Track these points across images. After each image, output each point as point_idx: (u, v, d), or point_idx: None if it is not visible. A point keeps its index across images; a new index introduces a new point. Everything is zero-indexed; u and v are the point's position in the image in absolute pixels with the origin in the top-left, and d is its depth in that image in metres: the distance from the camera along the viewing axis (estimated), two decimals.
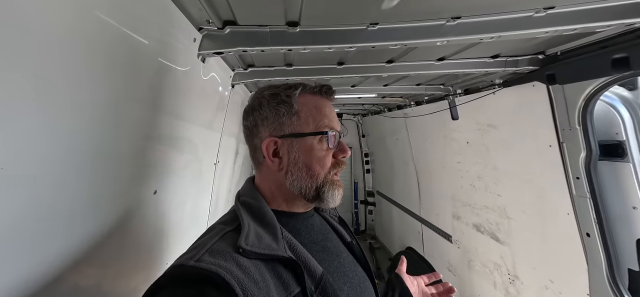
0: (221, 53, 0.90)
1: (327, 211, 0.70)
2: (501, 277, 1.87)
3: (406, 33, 0.88)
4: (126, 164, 0.66)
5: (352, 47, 0.93)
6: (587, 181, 1.23)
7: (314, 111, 0.58)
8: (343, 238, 0.67)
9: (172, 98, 0.83)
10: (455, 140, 2.26)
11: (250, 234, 0.48)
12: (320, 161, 0.57)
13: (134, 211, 0.72)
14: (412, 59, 1.36)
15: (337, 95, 2.41)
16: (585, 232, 1.27)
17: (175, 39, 0.75)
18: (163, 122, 0.79)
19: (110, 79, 0.55)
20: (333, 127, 0.59)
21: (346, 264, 0.59)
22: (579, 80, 1.12)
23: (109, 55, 0.54)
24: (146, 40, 0.63)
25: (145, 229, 0.79)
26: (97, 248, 0.59)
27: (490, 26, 0.84)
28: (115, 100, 0.58)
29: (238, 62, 1.31)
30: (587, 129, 1.20)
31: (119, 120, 0.60)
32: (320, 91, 0.60)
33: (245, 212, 0.53)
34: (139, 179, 0.72)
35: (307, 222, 0.60)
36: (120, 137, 0.61)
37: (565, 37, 1.10)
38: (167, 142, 0.84)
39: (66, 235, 0.51)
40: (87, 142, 0.52)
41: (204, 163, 1.31)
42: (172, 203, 0.93)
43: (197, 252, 0.44)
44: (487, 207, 2.00)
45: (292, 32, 0.87)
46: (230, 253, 0.44)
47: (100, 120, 0.54)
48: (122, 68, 0.58)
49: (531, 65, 1.32)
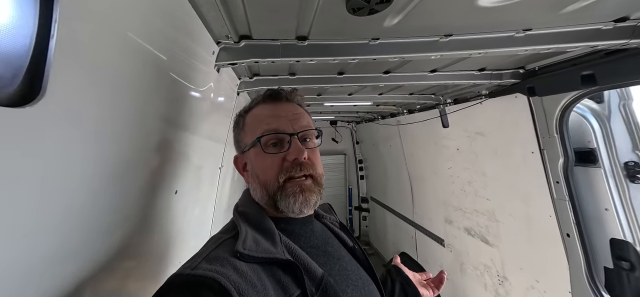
0: (234, 64, 0.97)
1: (328, 218, 0.69)
2: (491, 279, 1.96)
3: (404, 47, 0.98)
4: (147, 170, 0.67)
5: (355, 59, 1.02)
6: (566, 185, 1.35)
7: (253, 121, 0.60)
8: (345, 243, 0.65)
9: (190, 105, 0.88)
10: (446, 147, 2.37)
11: (247, 239, 0.48)
12: (265, 169, 0.56)
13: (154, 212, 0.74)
14: (407, 70, 1.47)
15: (335, 103, 2.51)
16: (566, 233, 1.38)
17: (197, 52, 0.81)
18: (181, 128, 0.84)
19: (133, 91, 0.56)
20: (273, 130, 0.56)
21: (349, 268, 0.57)
22: (555, 93, 1.25)
23: (135, 71, 0.54)
24: (164, 55, 0.63)
25: (168, 226, 0.82)
26: (125, 251, 0.61)
27: (477, 43, 0.95)
28: (140, 112, 0.58)
29: (245, 71, 1.37)
30: (564, 136, 1.33)
31: (144, 130, 0.61)
32: (264, 99, 0.62)
33: (242, 220, 0.54)
34: (158, 183, 0.75)
35: (307, 227, 0.59)
36: (144, 143, 0.63)
37: (542, 55, 1.23)
38: (183, 147, 0.89)
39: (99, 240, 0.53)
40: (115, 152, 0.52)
41: (210, 167, 1.35)
42: (188, 203, 0.97)
43: (194, 261, 0.45)
44: (477, 211, 2.10)
45: (301, 45, 0.95)
46: (227, 259, 0.44)
47: (128, 131, 0.55)
48: (146, 83, 0.58)
49: (513, 79, 1.46)
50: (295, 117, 0.59)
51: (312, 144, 0.61)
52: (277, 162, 0.56)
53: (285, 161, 0.56)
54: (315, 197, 0.57)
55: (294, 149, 0.56)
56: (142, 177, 0.66)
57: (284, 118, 0.58)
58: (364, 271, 0.61)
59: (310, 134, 0.61)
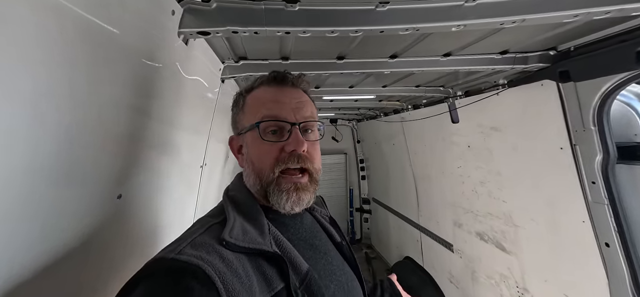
0: (207, 33, 0.77)
1: (318, 211, 0.67)
2: (509, 291, 1.76)
3: (420, 15, 0.78)
4: (90, 164, 0.53)
5: (359, 31, 0.82)
6: (605, 186, 1.15)
7: (254, 103, 0.57)
8: (333, 238, 0.64)
9: (146, 89, 0.68)
10: (456, 144, 2.19)
11: (235, 227, 0.47)
12: (261, 156, 0.54)
13: (99, 216, 0.58)
14: (417, 53, 1.27)
15: (335, 96, 2.32)
16: (604, 242, 1.18)
17: (149, 12, 0.61)
18: (133, 118, 0.65)
19: (72, 66, 0.44)
20: (274, 116, 0.54)
21: (334, 263, 0.57)
22: (598, 77, 1.05)
23: (71, 38, 0.42)
24: (116, 25, 0.50)
25: (111, 236, 0.64)
26: (68, 254, 0.51)
27: (513, 7, 0.75)
28: (78, 92, 0.47)
29: (228, 53, 1.18)
30: (604, 129, 1.13)
31: (85, 118, 0.49)
32: (268, 80, 0.58)
33: (231, 206, 0.52)
34: (104, 180, 0.58)
35: (297, 219, 0.58)
36: (84, 137, 0.50)
37: (582, 30, 1.03)
38: (136, 142, 0.69)
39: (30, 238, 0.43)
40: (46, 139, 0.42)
41: (188, 166, 1.16)
42: (144, 207, 0.78)
43: (178, 245, 0.42)
44: (491, 214, 1.91)
45: (291, 10, 0.75)
46: (213, 245, 0.43)
47: (59, 114, 0.44)
48: (85, 54, 0.46)
49: (541, 63, 1.26)
50: (299, 106, 0.56)
51: (314, 136, 0.59)
52: (274, 151, 0.53)
53: (282, 152, 0.53)
54: (309, 197, 0.55)
55: (293, 139, 0.53)
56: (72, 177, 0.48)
57: (287, 105, 0.55)
58: (349, 268, 0.61)
59: (313, 125, 0.58)
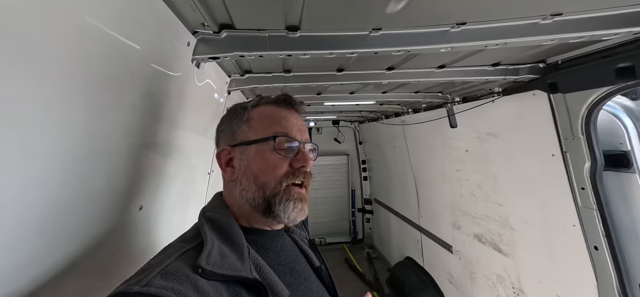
0: (217, 58, 0.86)
1: (297, 233, 0.67)
2: (505, 291, 1.82)
3: (410, 39, 0.85)
4: (113, 177, 0.60)
5: (354, 53, 0.90)
6: (593, 192, 1.20)
7: (266, 118, 0.58)
8: (312, 262, 0.64)
9: (164, 105, 0.77)
10: (454, 148, 2.24)
11: (213, 251, 0.44)
12: (270, 169, 0.54)
13: (118, 228, 0.66)
14: (413, 66, 1.34)
15: (335, 102, 2.39)
16: (593, 245, 1.23)
17: (168, 43, 0.70)
18: (152, 129, 0.74)
19: (98, 85, 0.51)
20: (287, 133, 0.56)
21: (314, 289, 0.56)
22: (583, 89, 1.11)
23: (97, 61, 0.49)
24: (137, 44, 0.59)
25: (133, 244, 0.73)
26: (86, 258, 0.56)
27: (495, 33, 0.82)
28: (104, 108, 0.53)
29: (235, 68, 1.26)
30: (591, 138, 1.18)
31: (108, 130, 0.56)
32: (276, 102, 0.61)
33: (209, 228, 0.50)
34: (126, 193, 0.67)
35: (277, 241, 0.58)
36: (107, 147, 0.57)
37: (567, 46, 1.09)
38: (156, 151, 0.78)
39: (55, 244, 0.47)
40: (74, 150, 0.48)
41: (197, 172, 1.25)
42: (160, 217, 0.87)
43: (146, 275, 0.39)
44: (488, 217, 1.96)
45: (292, 37, 0.83)
46: (187, 274, 0.40)
47: (87, 129, 0.50)
48: (112, 75, 0.54)
49: (531, 74, 1.31)
50: (302, 128, 0.61)
51: (313, 156, 0.63)
52: (284, 166, 0.55)
53: (290, 167, 0.56)
54: (307, 210, 0.57)
55: (301, 157, 0.57)
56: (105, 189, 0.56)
57: (295, 126, 0.59)
58: (328, 295, 0.60)
59: (313, 148, 0.63)
